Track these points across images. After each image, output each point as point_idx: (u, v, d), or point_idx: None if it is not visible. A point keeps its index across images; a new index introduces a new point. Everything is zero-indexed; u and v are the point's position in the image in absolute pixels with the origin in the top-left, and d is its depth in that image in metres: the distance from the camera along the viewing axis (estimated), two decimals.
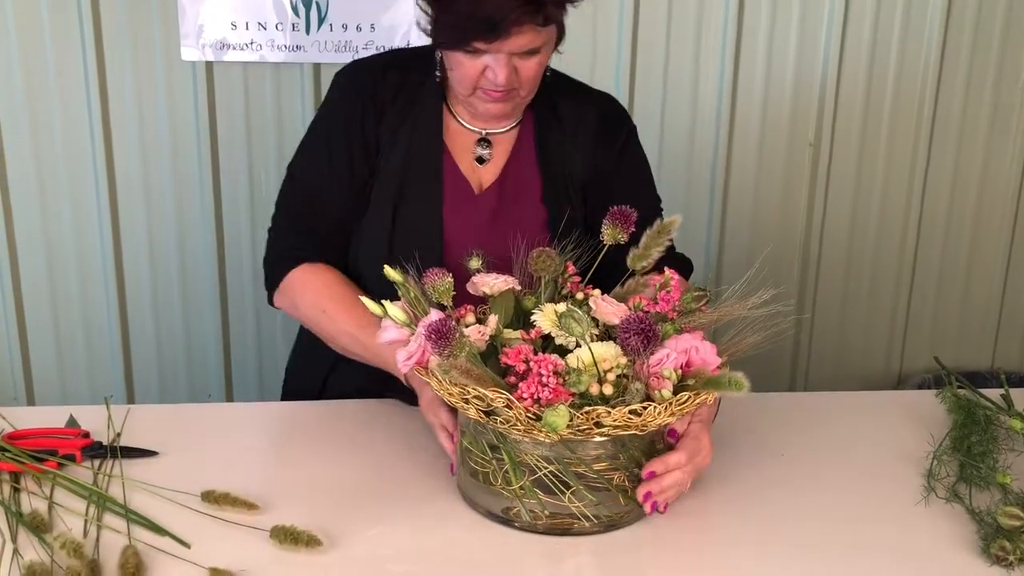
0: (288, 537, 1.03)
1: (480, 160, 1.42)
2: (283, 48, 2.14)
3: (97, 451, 1.22)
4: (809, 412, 1.41)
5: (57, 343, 2.30)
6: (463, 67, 1.30)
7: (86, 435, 1.25)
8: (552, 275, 1.13)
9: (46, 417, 1.31)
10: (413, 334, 1.09)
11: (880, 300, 2.53)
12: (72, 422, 1.30)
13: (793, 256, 2.46)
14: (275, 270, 1.42)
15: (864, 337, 2.55)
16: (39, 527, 1.06)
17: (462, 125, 1.43)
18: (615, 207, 1.18)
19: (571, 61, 2.26)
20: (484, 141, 1.42)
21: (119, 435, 1.28)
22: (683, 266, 1.43)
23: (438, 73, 1.39)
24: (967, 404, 1.34)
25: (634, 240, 1.20)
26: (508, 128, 1.43)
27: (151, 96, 2.16)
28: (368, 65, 1.45)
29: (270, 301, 1.44)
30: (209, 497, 1.11)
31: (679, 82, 2.30)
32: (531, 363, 1.01)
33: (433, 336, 1.03)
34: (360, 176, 1.40)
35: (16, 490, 1.14)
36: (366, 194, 1.41)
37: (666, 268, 1.18)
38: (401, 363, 1.11)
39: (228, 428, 1.33)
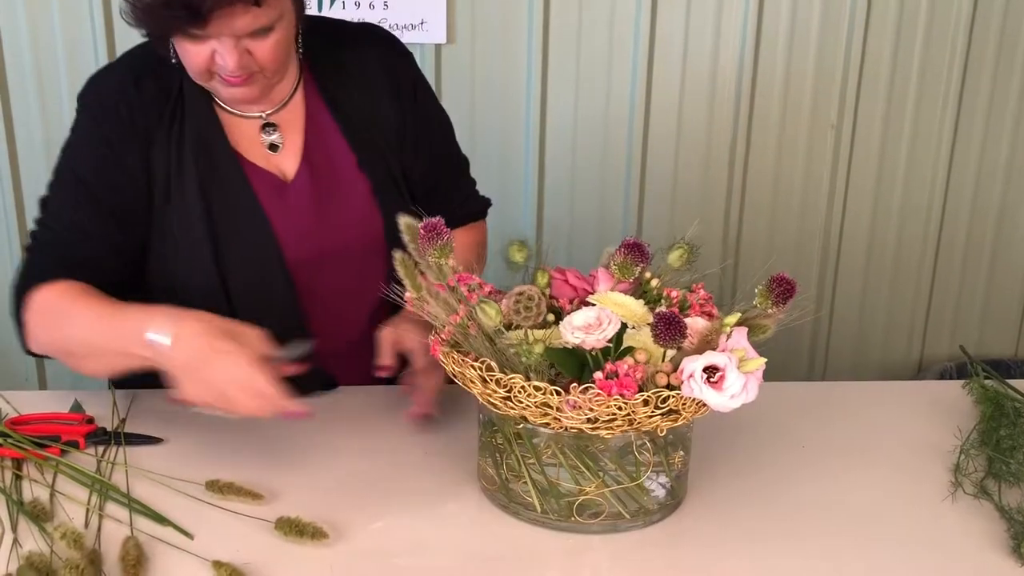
0: (293, 529, 1.00)
1: (272, 147, 1.32)
2: None
3: (101, 438, 1.20)
4: (830, 402, 1.37)
5: None
6: (189, 54, 1.19)
7: (90, 421, 1.23)
8: (534, 323, 0.98)
9: (51, 402, 1.29)
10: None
11: (901, 286, 2.48)
12: (76, 407, 1.28)
13: (814, 240, 2.41)
14: (17, 300, 1.26)
15: (885, 324, 2.51)
16: (40, 516, 1.04)
17: (236, 115, 1.32)
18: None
19: (587, 40, 2.23)
20: (269, 126, 1.33)
21: (124, 421, 1.25)
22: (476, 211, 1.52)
23: (174, 58, 1.26)
24: (995, 396, 1.30)
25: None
26: (284, 103, 1.33)
27: None
28: (115, 81, 1.29)
29: (23, 346, 1.28)
30: (213, 486, 1.09)
31: (698, 61, 2.25)
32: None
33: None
34: (126, 210, 1.27)
35: (18, 477, 1.12)
36: (144, 226, 1.28)
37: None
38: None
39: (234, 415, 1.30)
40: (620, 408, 0.95)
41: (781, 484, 1.16)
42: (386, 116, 1.37)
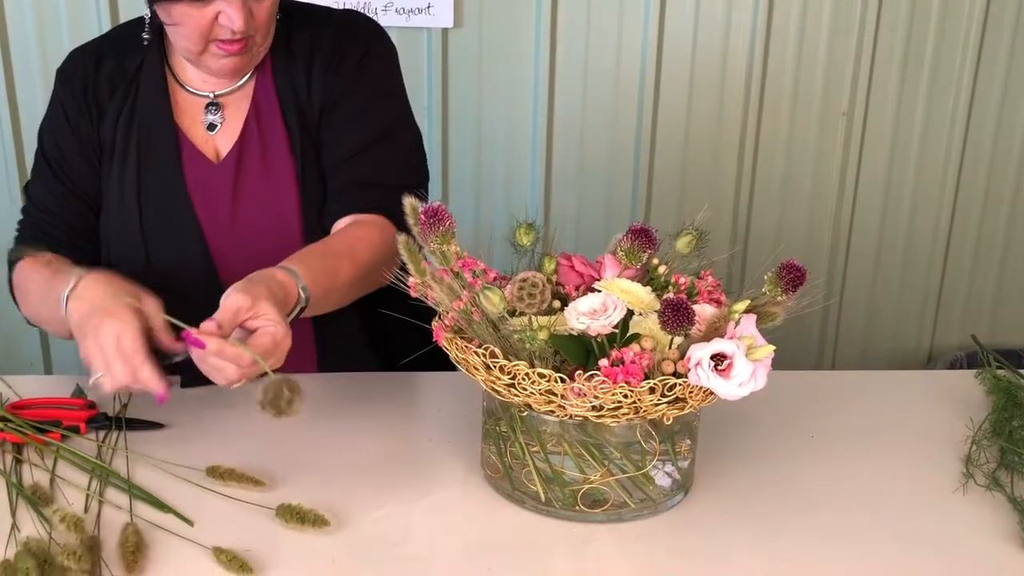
0: (294, 516, 0.99)
1: (211, 127, 1.34)
2: None
3: (102, 423, 1.19)
4: (840, 391, 1.35)
5: None
6: (191, 19, 1.19)
7: (92, 406, 1.22)
8: (538, 310, 0.96)
9: (52, 387, 1.28)
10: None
11: (912, 275, 2.46)
12: (78, 392, 1.27)
13: (823, 229, 2.39)
14: (8, 279, 1.35)
15: (894, 313, 2.49)
16: (40, 500, 1.03)
17: (190, 92, 1.34)
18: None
19: (596, 27, 2.21)
20: (213, 106, 1.34)
21: (125, 406, 1.24)
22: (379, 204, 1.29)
23: (146, 36, 1.30)
24: (1008, 386, 1.28)
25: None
26: (240, 84, 1.34)
27: None
28: (82, 58, 1.36)
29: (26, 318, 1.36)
30: (214, 472, 1.08)
31: (709, 47, 2.23)
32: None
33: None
34: (81, 183, 1.34)
35: (18, 461, 1.11)
36: (97, 199, 1.35)
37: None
38: None
39: (237, 400, 1.28)
40: (626, 396, 0.94)
41: (789, 474, 1.14)
42: (317, 90, 1.34)
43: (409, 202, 1.04)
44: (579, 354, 0.98)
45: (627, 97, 2.25)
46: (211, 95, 1.34)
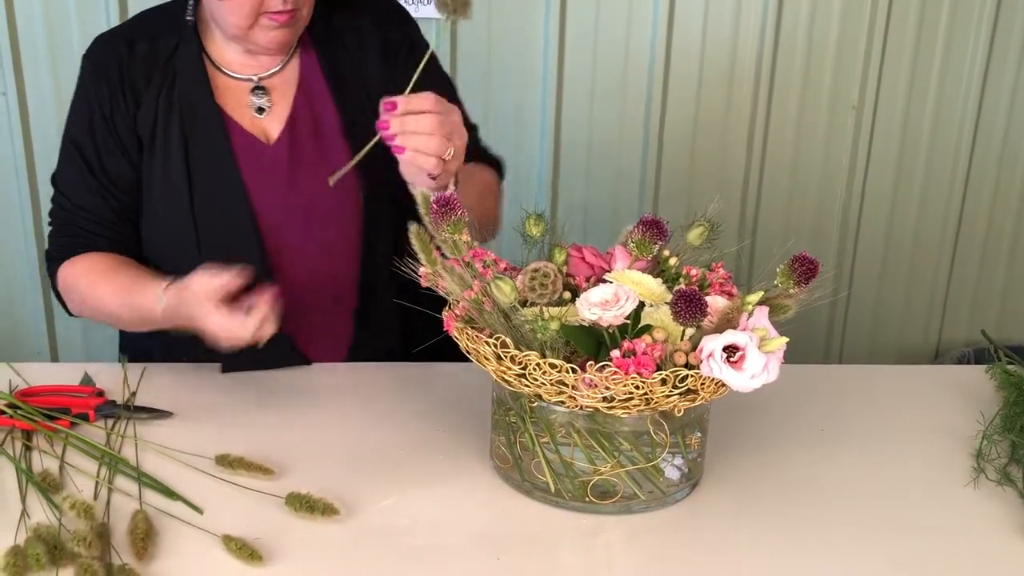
0: (303, 505, 0.99)
1: (260, 111, 1.33)
2: None
3: (111, 410, 1.19)
4: (850, 385, 1.35)
5: None
6: None
7: (100, 393, 1.22)
8: (550, 300, 0.96)
9: (61, 374, 1.28)
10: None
11: (920, 270, 2.45)
12: (87, 380, 1.27)
13: (832, 222, 2.38)
14: (51, 273, 1.35)
15: (902, 308, 2.48)
16: (50, 487, 1.03)
17: (231, 76, 1.33)
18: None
19: (605, 16, 2.20)
20: (259, 89, 1.33)
21: (134, 394, 1.24)
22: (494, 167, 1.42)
23: (190, 18, 1.30)
24: (1019, 381, 1.28)
25: None
26: (281, 67, 1.34)
27: None
28: (112, 43, 1.33)
29: (66, 311, 1.37)
30: (224, 461, 1.08)
31: (718, 37, 2.22)
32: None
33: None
34: (117, 173, 1.31)
35: (28, 449, 1.11)
36: (135, 188, 1.32)
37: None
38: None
39: (246, 389, 1.29)
40: (637, 387, 0.93)
41: (799, 467, 1.14)
42: (374, 80, 1.35)
43: (421, 192, 1.03)
44: (590, 345, 0.97)
45: (636, 89, 2.24)
46: (254, 78, 1.33)
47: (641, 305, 0.99)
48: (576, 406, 0.97)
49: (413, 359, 1.37)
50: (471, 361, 1.03)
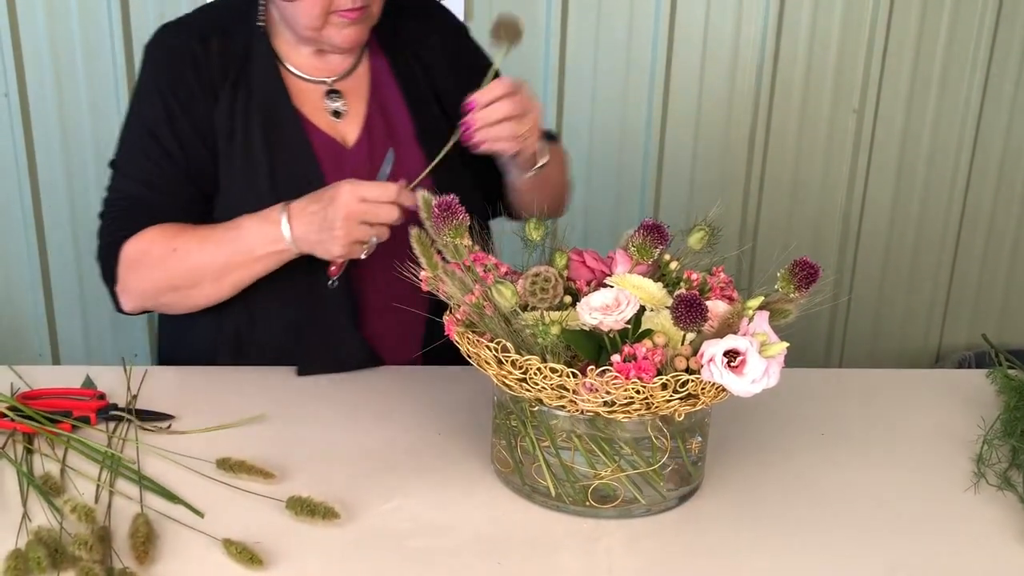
0: (304, 508, 0.99)
1: (336, 114, 1.33)
2: None
3: (112, 414, 1.19)
4: (850, 389, 1.35)
5: (82, 301, 2.28)
6: None
7: (102, 397, 1.22)
8: (551, 304, 0.96)
9: (63, 377, 1.28)
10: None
11: (921, 273, 2.45)
12: (88, 383, 1.27)
13: (833, 226, 2.39)
14: (107, 261, 1.31)
15: (903, 311, 2.48)
16: (51, 490, 1.03)
17: (303, 79, 1.34)
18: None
19: (606, 21, 2.20)
20: (334, 93, 1.34)
21: (135, 397, 1.24)
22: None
23: (260, 23, 1.30)
24: (1019, 385, 1.28)
25: None
26: (351, 69, 1.35)
27: None
28: (184, 35, 1.31)
29: (118, 308, 1.34)
30: (225, 464, 1.08)
31: (719, 42, 2.22)
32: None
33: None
34: (196, 163, 1.30)
35: (29, 452, 1.11)
36: (212, 180, 1.31)
37: None
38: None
39: (248, 392, 1.29)
40: (638, 392, 0.94)
41: (799, 471, 1.14)
42: (445, 89, 1.38)
43: (422, 196, 1.03)
44: (591, 349, 0.97)
45: (637, 93, 2.24)
46: (327, 81, 1.34)
47: (642, 309, 0.99)
48: (577, 410, 0.97)
49: (423, 361, 1.37)
50: (471, 364, 1.03)
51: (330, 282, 1.28)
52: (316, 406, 1.26)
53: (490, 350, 0.98)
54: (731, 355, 0.93)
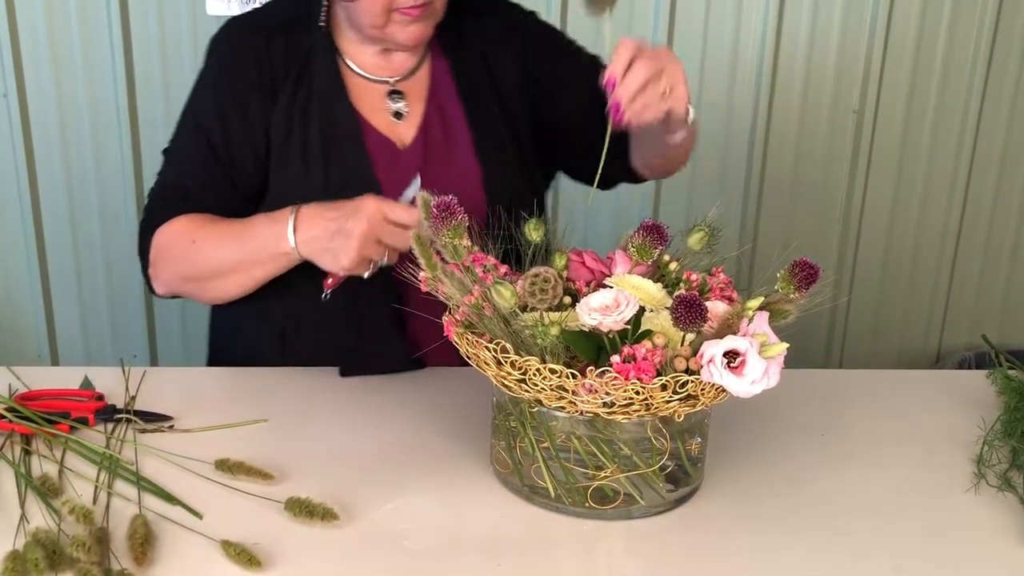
0: (303, 510, 0.99)
1: (397, 115, 1.32)
2: None
3: (111, 415, 1.19)
4: (850, 390, 1.34)
5: (81, 301, 2.28)
6: None
7: (100, 398, 1.22)
8: (550, 305, 0.96)
9: (61, 378, 1.28)
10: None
11: (921, 274, 2.45)
12: (87, 384, 1.27)
13: (832, 226, 2.38)
14: (142, 246, 1.32)
15: (903, 312, 2.48)
16: (49, 492, 1.03)
17: (365, 78, 1.33)
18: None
19: (609, 24, 2.19)
20: (396, 93, 1.33)
21: (134, 398, 1.24)
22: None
23: (323, 23, 1.30)
24: (1020, 386, 1.27)
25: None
26: (413, 69, 1.34)
27: (176, 51, 2.11)
28: (249, 30, 1.33)
29: (152, 291, 1.35)
30: (223, 465, 1.07)
31: (719, 43, 2.22)
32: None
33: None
34: (240, 165, 1.31)
35: (27, 453, 1.11)
36: (252, 184, 1.31)
37: None
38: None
39: (246, 393, 1.29)
40: (637, 392, 0.93)
41: (799, 472, 1.14)
42: (512, 91, 1.36)
43: (421, 196, 1.03)
44: (591, 350, 0.97)
45: None
46: (389, 81, 1.33)
47: (641, 310, 0.99)
48: (576, 411, 0.97)
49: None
50: (470, 365, 1.03)
51: (323, 295, 1.26)
52: (315, 407, 1.26)
53: (489, 351, 0.98)
54: (731, 356, 0.93)
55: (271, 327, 1.37)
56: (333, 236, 1.18)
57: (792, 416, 1.25)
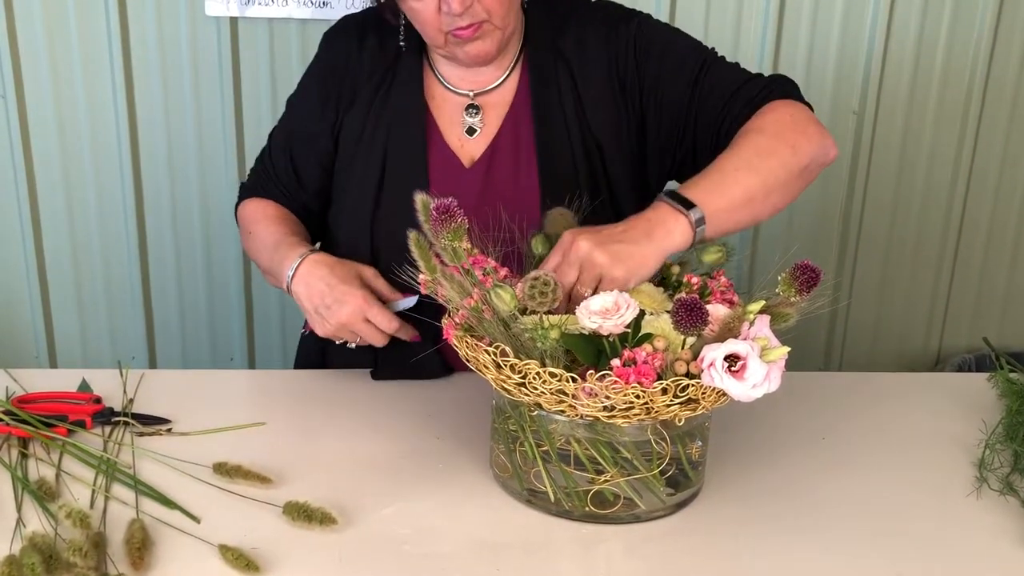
0: (301, 514, 0.98)
1: (470, 131, 1.31)
2: (309, 4, 2.07)
3: (108, 418, 1.18)
4: (850, 393, 1.34)
5: (79, 303, 2.27)
6: (417, 13, 1.21)
7: (98, 400, 1.21)
8: (550, 308, 0.96)
9: (59, 380, 1.27)
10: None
11: (921, 276, 2.44)
12: (84, 386, 1.26)
13: (832, 229, 2.38)
14: (238, 201, 1.44)
15: (903, 314, 2.47)
16: (46, 496, 1.02)
17: (449, 89, 1.32)
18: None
19: None
20: (473, 108, 1.31)
21: (131, 401, 1.24)
22: (784, 87, 1.25)
23: (402, 40, 1.30)
24: (1021, 389, 1.27)
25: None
26: (497, 84, 1.32)
27: (175, 52, 2.10)
28: (346, 33, 1.36)
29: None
30: (221, 469, 1.07)
31: (719, 43, 2.21)
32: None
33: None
34: (313, 182, 1.39)
35: (24, 456, 1.11)
36: (327, 181, 1.37)
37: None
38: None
39: (245, 396, 1.28)
40: (638, 396, 0.93)
41: (800, 476, 1.13)
42: (600, 112, 1.29)
43: (420, 199, 1.03)
44: (591, 354, 0.97)
45: None
46: (470, 94, 1.31)
47: (642, 314, 0.98)
48: (576, 415, 0.97)
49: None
50: (470, 368, 1.02)
51: (303, 330, 1.32)
52: (315, 410, 1.25)
53: (489, 354, 0.98)
54: (732, 359, 0.92)
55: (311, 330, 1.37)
56: (316, 307, 1.25)
57: (793, 420, 1.24)
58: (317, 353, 1.42)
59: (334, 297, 1.23)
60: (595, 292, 1.01)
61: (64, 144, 2.15)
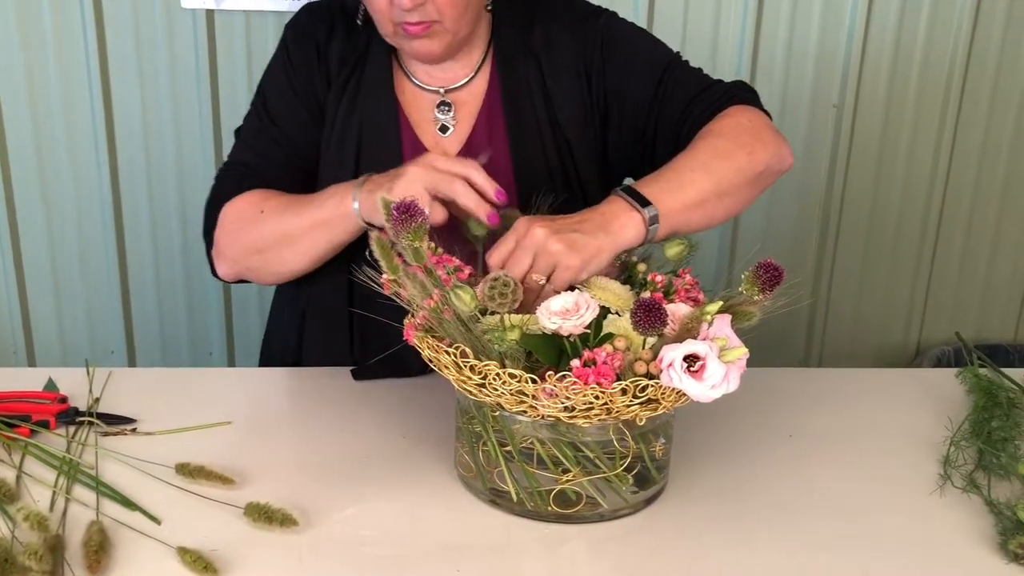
0: (262, 515, 0.98)
1: (443, 129, 1.29)
2: None
3: (73, 418, 1.18)
4: (821, 390, 1.34)
5: (56, 299, 2.26)
6: (371, 2, 1.19)
7: (63, 400, 1.21)
8: (510, 308, 0.96)
9: (25, 379, 1.26)
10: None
11: (900, 269, 2.44)
12: (51, 385, 1.25)
13: (812, 222, 2.38)
14: (207, 225, 1.30)
15: (882, 308, 2.47)
16: (5, 498, 1.02)
17: (418, 86, 1.31)
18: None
19: None
20: (445, 105, 1.30)
21: (98, 400, 1.23)
22: (744, 94, 1.27)
23: (360, 20, 1.28)
24: (988, 385, 1.27)
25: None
26: (466, 81, 1.30)
27: (150, 45, 2.09)
28: (318, 17, 1.32)
29: (215, 274, 1.32)
30: (184, 470, 1.06)
31: (699, 37, 2.21)
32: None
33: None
34: (304, 140, 1.31)
35: None
36: (312, 165, 1.32)
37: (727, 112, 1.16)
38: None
39: (214, 395, 1.28)
40: (597, 397, 0.93)
41: (765, 474, 1.13)
42: (570, 111, 1.29)
43: (381, 198, 1.02)
44: (551, 354, 0.96)
45: None
46: (440, 91, 1.30)
47: (604, 314, 0.98)
48: (537, 415, 0.96)
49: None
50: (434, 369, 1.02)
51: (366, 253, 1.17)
52: (281, 410, 1.25)
53: (450, 355, 0.97)
54: (691, 359, 0.92)
55: (291, 328, 1.36)
56: (391, 178, 1.14)
57: (761, 416, 1.24)
58: (293, 351, 1.40)
59: (405, 169, 1.14)
60: (548, 280, 1.01)
61: (39, 137, 2.13)
